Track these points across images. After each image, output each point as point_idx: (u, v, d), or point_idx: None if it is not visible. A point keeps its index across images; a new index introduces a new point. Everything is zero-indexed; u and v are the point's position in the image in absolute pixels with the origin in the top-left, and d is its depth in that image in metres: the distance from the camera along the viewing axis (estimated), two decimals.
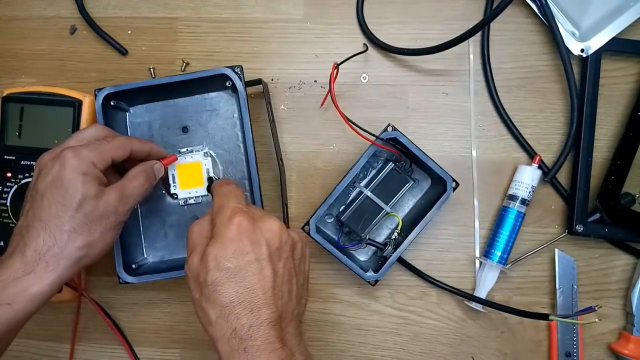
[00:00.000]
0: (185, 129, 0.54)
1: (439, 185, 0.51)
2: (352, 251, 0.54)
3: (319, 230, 0.51)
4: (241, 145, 0.54)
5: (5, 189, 0.54)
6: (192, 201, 0.54)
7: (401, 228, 0.53)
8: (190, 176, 0.53)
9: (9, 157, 0.54)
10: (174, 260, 0.54)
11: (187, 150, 0.54)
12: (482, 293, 0.54)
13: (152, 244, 0.54)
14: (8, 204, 0.54)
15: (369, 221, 0.51)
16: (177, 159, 0.51)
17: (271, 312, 0.36)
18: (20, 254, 0.39)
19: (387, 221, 0.54)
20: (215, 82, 0.51)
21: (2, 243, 0.54)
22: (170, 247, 0.54)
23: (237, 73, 0.50)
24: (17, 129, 0.54)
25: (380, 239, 0.54)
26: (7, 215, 0.54)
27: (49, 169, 0.41)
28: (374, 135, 0.49)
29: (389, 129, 0.49)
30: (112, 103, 0.52)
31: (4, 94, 0.54)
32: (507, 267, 0.54)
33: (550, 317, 0.47)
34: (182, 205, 0.54)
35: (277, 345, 0.36)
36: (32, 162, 0.54)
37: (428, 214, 0.49)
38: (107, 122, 0.51)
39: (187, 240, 0.40)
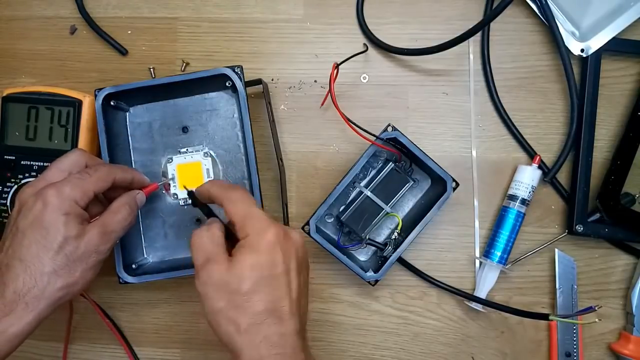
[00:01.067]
0: (185, 129, 0.54)
1: (439, 185, 0.51)
2: (352, 251, 0.54)
3: (318, 230, 0.51)
4: (241, 145, 0.54)
5: (5, 189, 0.54)
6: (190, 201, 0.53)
7: (401, 228, 0.53)
8: (190, 176, 0.53)
9: (9, 157, 0.54)
10: (175, 260, 0.54)
11: (187, 150, 0.54)
12: (482, 293, 0.54)
13: (152, 244, 0.54)
14: (8, 204, 0.54)
15: (369, 221, 0.51)
16: (157, 188, 0.51)
17: (296, 323, 0.37)
18: None
19: (387, 221, 0.54)
20: (215, 82, 0.51)
21: None
22: (170, 247, 0.54)
23: (237, 73, 0.50)
24: (17, 129, 0.54)
25: (380, 239, 0.54)
26: (7, 215, 0.54)
27: (30, 207, 0.41)
28: (373, 135, 0.49)
29: (389, 129, 0.49)
30: (112, 103, 0.52)
31: (4, 94, 0.54)
32: (507, 267, 0.54)
33: (550, 317, 0.47)
34: (182, 206, 0.54)
35: (302, 355, 0.37)
36: (32, 162, 0.54)
37: (428, 214, 0.49)
38: (107, 122, 0.51)
39: (195, 250, 0.39)
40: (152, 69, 0.58)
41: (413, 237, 0.50)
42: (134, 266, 0.52)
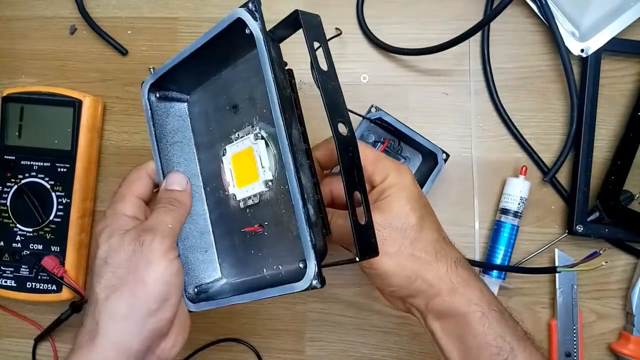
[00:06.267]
0: (235, 108, 0.42)
1: (430, 160, 0.52)
2: None
3: None
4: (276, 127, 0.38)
5: (5, 189, 0.54)
6: (251, 202, 0.41)
7: None
8: (245, 169, 0.41)
9: (9, 157, 0.54)
10: (244, 283, 0.42)
11: (237, 135, 0.41)
12: None
13: (225, 260, 0.44)
14: (8, 204, 0.54)
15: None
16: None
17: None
18: None
19: None
20: (243, 34, 0.36)
21: (1, 243, 0.54)
22: (240, 265, 0.42)
23: (250, 11, 0.35)
24: (17, 129, 0.54)
25: None
26: (7, 215, 0.54)
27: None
28: (360, 115, 0.49)
29: (373, 109, 0.49)
30: (157, 95, 0.43)
31: (4, 94, 0.54)
32: (505, 281, 0.54)
33: (558, 269, 0.48)
34: (243, 209, 0.41)
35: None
36: (32, 162, 0.54)
37: (423, 188, 0.50)
38: (157, 118, 0.43)
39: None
40: (152, 69, 0.58)
41: None
42: (195, 289, 0.41)
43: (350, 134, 0.35)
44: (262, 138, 0.39)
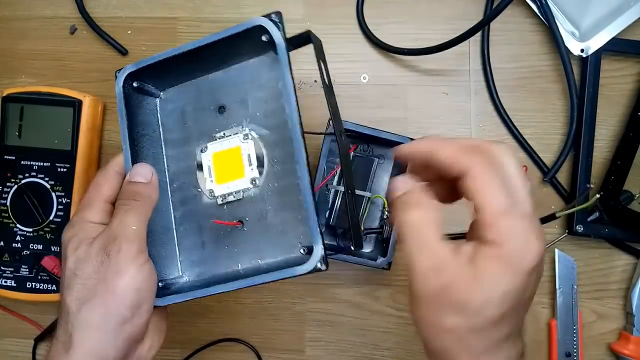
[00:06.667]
0: (221, 109, 0.43)
1: None
2: None
3: None
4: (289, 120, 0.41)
5: (5, 189, 0.54)
6: (231, 198, 0.42)
7: (388, 205, 0.53)
8: (228, 166, 0.42)
9: (9, 157, 0.54)
10: (214, 278, 0.42)
11: (223, 134, 0.43)
12: None
13: (189, 258, 0.43)
14: (8, 204, 0.54)
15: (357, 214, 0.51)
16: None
17: (523, 340, 0.33)
18: None
19: (373, 206, 0.54)
20: (253, 41, 0.40)
21: (1, 243, 0.54)
22: (208, 261, 0.43)
23: (274, 21, 0.38)
24: (17, 129, 0.54)
25: (375, 223, 0.54)
26: (7, 215, 0.54)
27: None
28: (319, 133, 0.49)
29: (331, 122, 0.50)
30: (135, 85, 0.43)
31: (4, 94, 0.54)
32: None
33: (557, 214, 0.48)
34: (220, 205, 0.42)
35: None
36: (32, 162, 0.54)
37: None
38: (131, 109, 0.42)
39: (405, 239, 0.31)
40: None
41: None
42: (159, 284, 0.40)
43: (346, 140, 0.39)
44: (252, 138, 0.42)
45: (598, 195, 0.47)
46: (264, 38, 0.39)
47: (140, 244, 0.37)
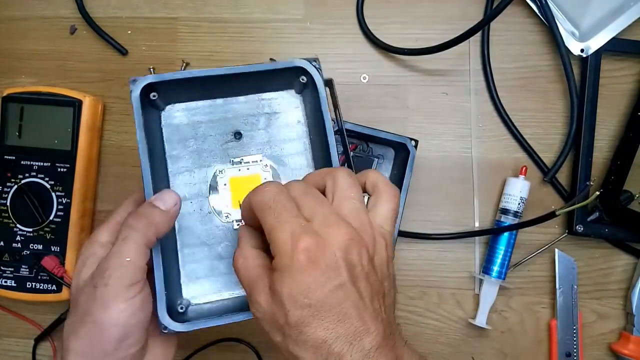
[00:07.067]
0: (237, 135, 0.44)
1: (402, 151, 0.52)
2: None
3: None
4: (309, 157, 0.45)
5: (5, 189, 0.54)
6: None
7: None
8: (246, 192, 0.41)
9: (9, 157, 0.54)
10: (227, 302, 0.42)
11: (241, 160, 0.44)
12: (484, 310, 0.54)
13: (194, 280, 0.43)
14: (8, 204, 0.54)
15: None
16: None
17: (374, 337, 0.30)
18: None
19: None
20: (281, 78, 0.43)
21: (1, 243, 0.54)
22: (219, 283, 0.43)
23: (315, 67, 0.42)
24: (17, 129, 0.54)
25: None
26: (7, 215, 0.54)
27: None
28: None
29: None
30: (152, 96, 0.42)
31: (4, 94, 0.54)
32: (505, 281, 0.54)
33: (557, 212, 0.47)
34: (235, 229, 0.43)
35: None
36: (32, 162, 0.54)
37: (404, 180, 0.50)
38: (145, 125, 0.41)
39: (239, 279, 0.34)
40: (152, 69, 0.58)
41: (402, 206, 0.50)
42: (180, 309, 0.40)
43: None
44: (271, 168, 0.44)
45: (598, 193, 0.47)
46: (301, 79, 0.42)
47: (133, 276, 0.36)
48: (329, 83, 0.44)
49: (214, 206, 0.43)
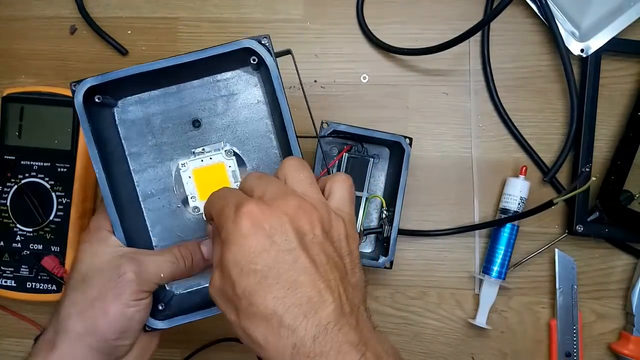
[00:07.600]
0: (196, 123, 0.42)
1: (397, 150, 0.52)
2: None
3: None
4: (273, 137, 0.43)
5: (5, 189, 0.54)
6: None
7: (386, 204, 0.53)
8: (212, 183, 0.42)
9: (9, 157, 0.54)
10: (205, 289, 0.42)
11: (202, 150, 0.43)
12: (484, 310, 0.54)
13: None
14: (8, 204, 0.54)
15: (355, 214, 0.52)
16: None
17: (331, 311, 0.28)
18: None
19: (371, 205, 0.54)
20: (232, 58, 0.41)
21: (1, 243, 0.54)
22: (201, 275, 0.43)
23: (264, 45, 0.39)
24: (17, 129, 0.54)
25: (374, 223, 0.54)
26: (7, 215, 0.54)
27: None
28: (312, 137, 0.48)
29: (324, 125, 0.50)
30: (97, 99, 0.40)
31: (4, 94, 0.54)
32: (505, 281, 0.54)
33: (555, 200, 0.47)
34: (205, 221, 0.43)
35: (355, 352, 0.28)
36: (32, 162, 0.54)
37: (401, 179, 0.50)
38: (93, 125, 0.39)
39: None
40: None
41: (400, 205, 0.50)
42: (160, 307, 0.41)
43: None
44: (235, 154, 0.43)
45: (594, 178, 0.46)
46: (252, 60, 0.40)
47: (153, 287, 0.38)
48: (287, 53, 0.42)
49: (181, 200, 0.43)
